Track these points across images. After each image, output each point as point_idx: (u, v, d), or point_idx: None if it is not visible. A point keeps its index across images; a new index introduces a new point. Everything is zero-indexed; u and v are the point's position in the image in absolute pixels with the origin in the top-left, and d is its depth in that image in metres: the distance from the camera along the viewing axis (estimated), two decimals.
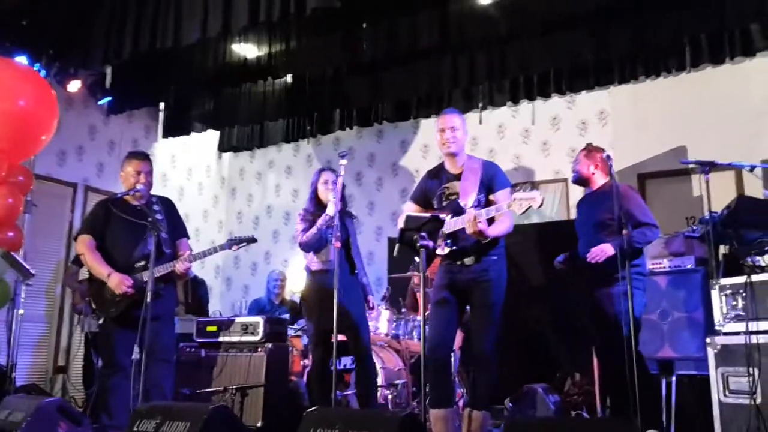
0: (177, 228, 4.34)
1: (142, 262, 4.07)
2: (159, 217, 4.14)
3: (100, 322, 4.18)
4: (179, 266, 4.04)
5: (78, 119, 7.08)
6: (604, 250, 3.81)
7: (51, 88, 5.17)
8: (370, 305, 4.53)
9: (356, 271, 4.43)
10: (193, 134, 7.89)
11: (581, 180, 4.27)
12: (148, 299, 3.70)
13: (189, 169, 8.37)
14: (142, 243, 4.13)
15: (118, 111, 7.25)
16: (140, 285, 3.98)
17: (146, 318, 3.67)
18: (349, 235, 4.43)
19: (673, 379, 4.33)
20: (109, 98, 7.04)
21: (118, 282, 3.98)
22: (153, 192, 4.38)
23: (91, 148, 7.23)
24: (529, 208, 3.20)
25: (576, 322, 5.23)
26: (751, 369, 2.43)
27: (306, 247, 4.37)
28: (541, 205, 3.19)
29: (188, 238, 4.41)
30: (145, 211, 4.09)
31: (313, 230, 4.28)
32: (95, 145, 7.28)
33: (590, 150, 4.28)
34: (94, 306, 4.15)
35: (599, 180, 4.18)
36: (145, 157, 4.36)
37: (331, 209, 4.09)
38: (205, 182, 8.58)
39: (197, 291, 6.69)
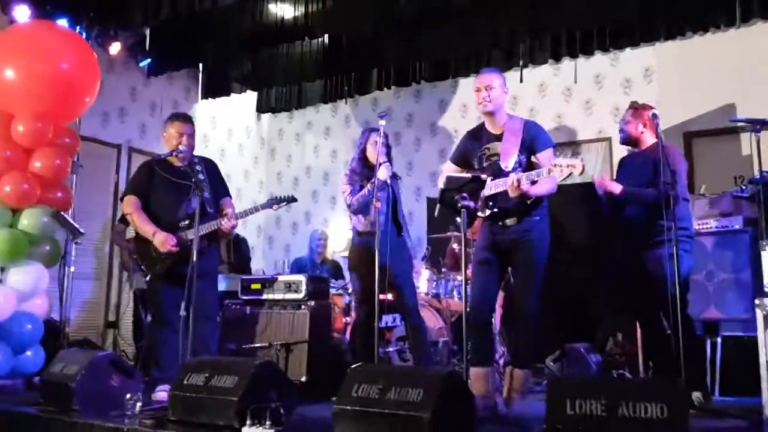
0: (219, 188, 4.41)
1: (187, 222, 4.15)
2: (201, 177, 4.20)
3: (147, 278, 4.31)
4: (225, 224, 4.11)
5: (119, 81, 7.17)
6: (609, 184, 3.93)
7: (92, 50, 5.23)
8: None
9: (402, 233, 4.43)
10: (233, 95, 7.94)
11: (630, 140, 4.14)
12: (194, 258, 3.78)
13: (229, 130, 8.44)
14: (186, 203, 4.20)
15: (159, 73, 7.32)
16: (184, 243, 4.07)
17: (192, 276, 3.76)
18: (395, 196, 4.42)
19: (719, 340, 4.28)
20: (149, 60, 7.10)
21: (162, 240, 4.07)
22: (195, 153, 4.44)
23: (133, 109, 7.34)
24: (570, 174, 3.15)
25: (618, 282, 5.19)
26: None
27: (356, 209, 4.37)
28: (582, 171, 3.13)
29: (230, 197, 4.47)
30: (188, 171, 4.15)
31: (364, 192, 4.28)
32: (137, 106, 7.38)
33: (637, 108, 4.15)
34: (140, 263, 4.26)
35: (648, 140, 4.06)
36: (187, 119, 4.41)
37: (383, 173, 4.04)
38: (245, 143, 8.65)
39: (240, 249, 6.81)
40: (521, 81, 6.61)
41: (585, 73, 6.71)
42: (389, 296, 4.31)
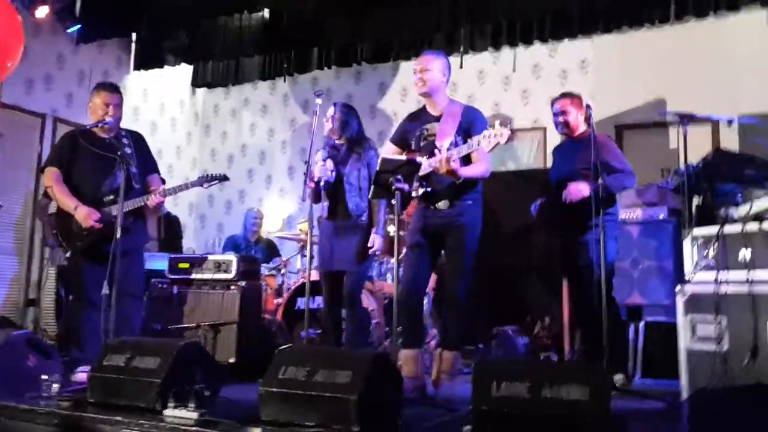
0: (147, 163, 4.25)
1: (111, 197, 3.99)
2: (128, 150, 4.04)
3: (68, 255, 4.12)
4: (152, 200, 3.96)
5: (46, 47, 6.81)
6: (580, 189, 3.82)
7: (16, 12, 4.94)
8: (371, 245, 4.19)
9: (353, 212, 4.17)
10: (167, 68, 7.66)
11: (569, 128, 4.22)
12: (118, 234, 3.64)
13: (161, 103, 8.15)
14: (110, 177, 4.03)
15: (89, 40, 7.00)
16: (108, 219, 3.91)
17: (116, 253, 3.62)
18: (342, 173, 4.17)
19: (641, 324, 4.43)
20: (79, 26, 6.78)
21: (85, 215, 3.90)
22: (124, 126, 4.26)
23: (60, 77, 6.99)
24: (497, 144, 3.17)
25: (547, 267, 5.31)
26: (718, 317, 2.47)
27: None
28: (509, 140, 3.16)
29: (159, 173, 4.32)
30: (114, 144, 3.99)
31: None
32: (64, 75, 7.03)
33: (575, 97, 4.26)
34: (60, 239, 4.08)
35: (581, 127, 4.16)
36: (114, 89, 4.21)
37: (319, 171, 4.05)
38: (178, 118, 8.38)
39: (170, 227, 6.63)
40: (461, 67, 6.64)
41: (523, 63, 6.78)
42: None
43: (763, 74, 5.65)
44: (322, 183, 4.02)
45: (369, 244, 4.12)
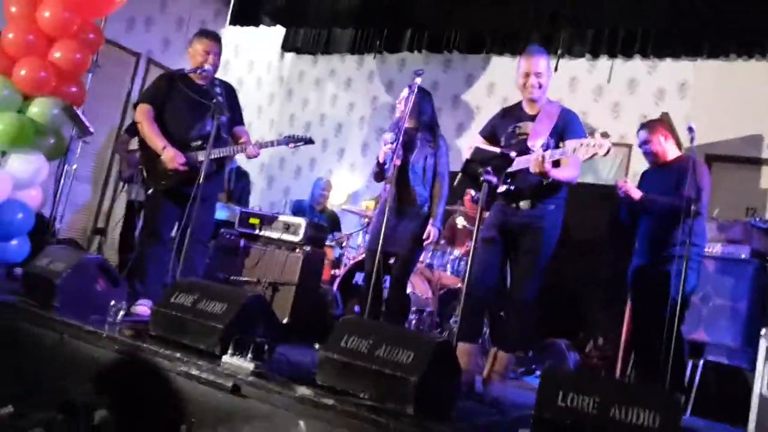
0: (236, 114, 4.32)
1: (199, 142, 4.06)
2: (221, 100, 4.09)
3: (149, 192, 4.23)
4: (250, 150, 4.05)
5: None
6: (632, 189, 3.82)
7: None
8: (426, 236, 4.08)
9: (415, 200, 4.08)
10: (261, 27, 7.76)
11: (656, 156, 4.10)
12: (201, 180, 3.71)
13: (251, 62, 8.27)
14: (200, 122, 4.11)
15: None
16: (193, 163, 3.98)
17: (196, 196, 3.69)
18: (408, 160, 4.07)
19: (701, 362, 4.28)
20: None
21: (171, 157, 3.98)
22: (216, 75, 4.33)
23: (160, 21, 7.16)
24: (595, 155, 3.10)
25: (611, 287, 5.18)
26: None
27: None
28: (608, 152, 3.08)
29: (244, 125, 4.38)
30: (209, 90, 4.05)
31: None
32: (164, 19, 7.20)
33: (648, 125, 4.16)
34: (145, 175, 4.17)
35: (671, 152, 4.02)
36: (216, 38, 4.29)
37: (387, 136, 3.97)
38: (264, 78, 8.49)
39: (240, 181, 6.71)
40: (555, 70, 6.47)
41: (619, 76, 6.60)
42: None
43: None
44: (386, 166, 3.95)
45: (424, 236, 4.05)
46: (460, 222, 5.23)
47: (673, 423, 2.04)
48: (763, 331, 2.57)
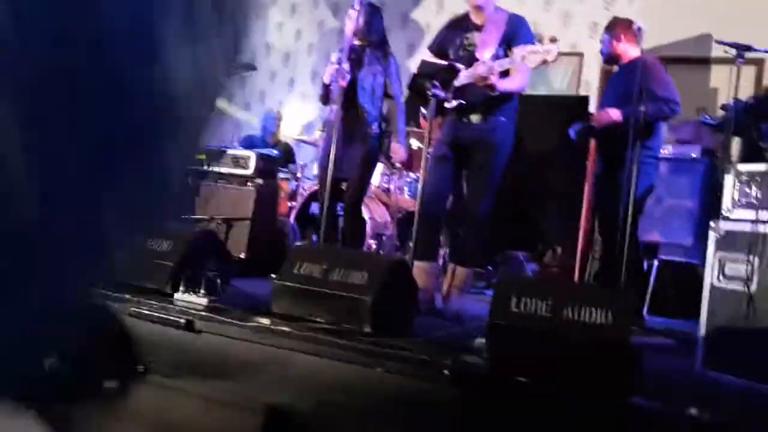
0: None
1: None
2: None
3: None
4: None
5: None
6: (609, 113, 3.67)
7: None
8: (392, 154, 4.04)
9: (365, 119, 3.95)
10: None
11: (611, 57, 4.02)
12: None
13: None
14: None
15: None
16: None
17: None
18: (356, 78, 3.91)
19: (655, 262, 4.37)
20: None
21: None
22: None
23: None
24: (544, 62, 3.02)
25: (566, 198, 5.21)
26: (752, 257, 2.39)
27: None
28: (556, 59, 3.01)
29: None
30: None
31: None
32: None
33: (610, 25, 4.04)
34: None
35: (629, 52, 3.94)
36: None
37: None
38: None
39: None
40: None
41: None
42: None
43: None
44: (332, 86, 3.81)
45: (391, 154, 3.98)
46: (415, 144, 5.14)
47: (626, 318, 2.06)
48: (711, 224, 2.59)
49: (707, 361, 2.50)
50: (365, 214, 4.55)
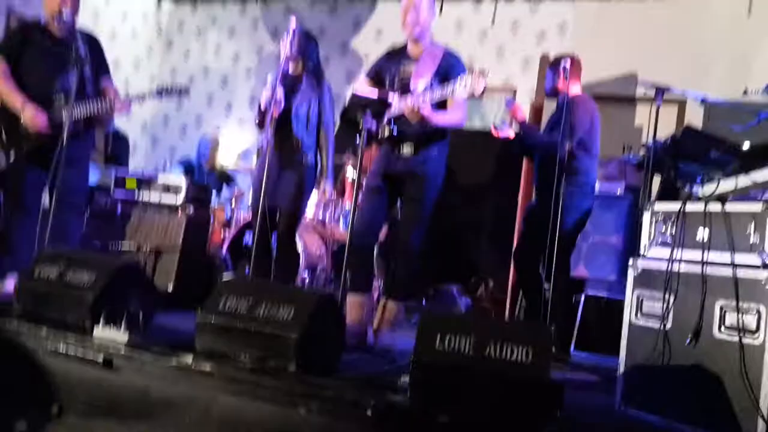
0: (101, 68, 4.01)
1: (62, 96, 3.76)
2: (82, 52, 3.78)
3: (12, 159, 3.88)
4: (119, 105, 3.76)
5: None
6: (506, 131, 3.97)
7: None
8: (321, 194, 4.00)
9: (299, 148, 3.91)
10: None
11: (551, 92, 4.15)
12: (65, 139, 3.45)
13: (124, 12, 7.73)
14: (62, 75, 3.79)
15: None
16: (57, 122, 3.69)
17: (60, 159, 3.43)
18: (291, 105, 3.89)
19: (582, 298, 4.48)
20: None
21: (32, 116, 3.68)
22: (79, 28, 4.00)
23: None
24: (472, 94, 3.10)
25: (499, 231, 5.31)
26: (666, 295, 2.47)
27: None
28: (484, 91, 3.09)
29: (112, 80, 4.09)
30: (68, 42, 3.74)
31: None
32: None
33: (554, 62, 4.19)
34: (4, 138, 3.83)
35: (573, 89, 4.07)
36: None
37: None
38: (139, 29, 7.97)
39: (117, 146, 6.32)
40: (440, 14, 6.44)
41: (503, 18, 6.64)
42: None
43: (736, 61, 5.66)
44: (267, 113, 3.77)
45: (320, 194, 3.93)
46: (351, 174, 5.16)
47: (544, 356, 2.10)
48: (630, 261, 2.68)
49: (627, 399, 2.57)
50: (299, 246, 4.51)
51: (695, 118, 5.36)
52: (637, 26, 6.05)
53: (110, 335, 2.57)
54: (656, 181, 4.06)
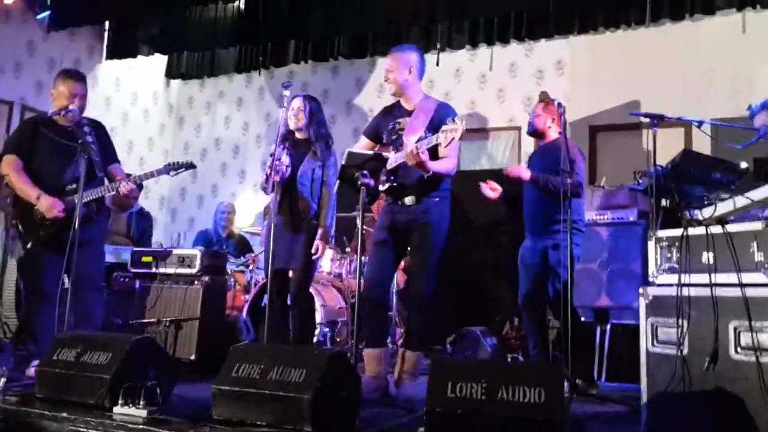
0: (108, 152, 4.14)
1: (73, 185, 3.88)
2: (89, 139, 3.92)
3: (28, 246, 4.00)
4: (123, 187, 3.86)
5: (16, 34, 6.67)
6: (519, 168, 3.91)
7: None
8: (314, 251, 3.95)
9: (307, 211, 3.95)
10: (140, 57, 7.53)
11: (536, 132, 4.18)
12: (77, 224, 3.55)
13: (134, 94, 8.01)
14: (72, 165, 3.92)
15: (59, 27, 6.85)
16: (72, 208, 3.80)
17: (74, 243, 3.52)
18: (296, 172, 3.94)
19: (608, 327, 4.41)
20: (48, 12, 6.63)
21: (48, 205, 3.80)
22: (95, 116, 4.17)
23: (30, 65, 6.83)
24: (452, 140, 3.17)
25: (516, 267, 5.27)
26: (679, 320, 2.44)
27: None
28: (462, 136, 3.16)
29: (120, 163, 4.22)
30: (75, 132, 3.88)
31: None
32: (34, 62, 6.88)
33: (548, 103, 4.20)
34: (21, 229, 3.95)
35: (553, 134, 4.10)
36: (80, 78, 4.08)
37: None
38: (151, 109, 8.24)
39: (142, 223, 6.46)
40: (437, 64, 6.59)
41: (500, 62, 6.76)
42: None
43: (736, 80, 5.67)
44: (273, 179, 3.82)
45: (312, 251, 3.93)
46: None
47: (556, 395, 2.07)
48: (641, 290, 2.66)
49: (651, 428, 2.51)
50: (317, 302, 4.53)
51: (703, 139, 5.37)
52: (633, 55, 6.12)
53: (130, 412, 2.59)
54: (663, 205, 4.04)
